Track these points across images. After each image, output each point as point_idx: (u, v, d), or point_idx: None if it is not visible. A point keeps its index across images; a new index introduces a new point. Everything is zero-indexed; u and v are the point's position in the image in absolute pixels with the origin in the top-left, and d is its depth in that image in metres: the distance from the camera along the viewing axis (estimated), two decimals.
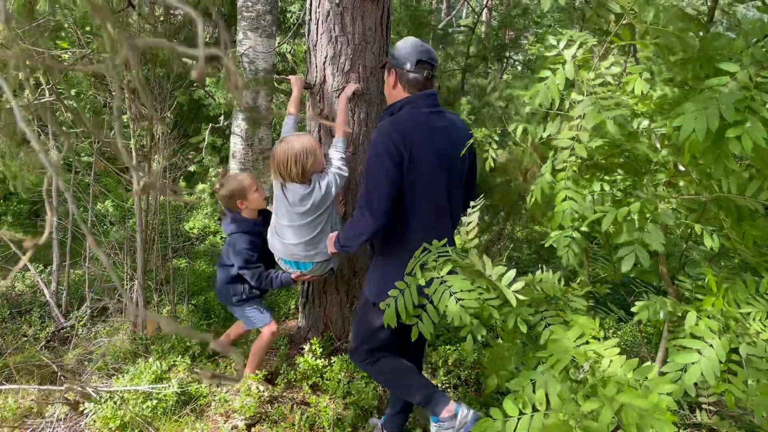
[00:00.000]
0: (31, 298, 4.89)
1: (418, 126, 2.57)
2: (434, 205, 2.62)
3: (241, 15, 6.95)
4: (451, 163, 2.64)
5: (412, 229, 2.63)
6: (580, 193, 2.17)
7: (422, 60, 2.61)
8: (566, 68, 2.00)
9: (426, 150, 2.53)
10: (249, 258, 3.38)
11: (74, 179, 4.74)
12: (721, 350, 1.87)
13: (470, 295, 2.06)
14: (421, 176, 2.55)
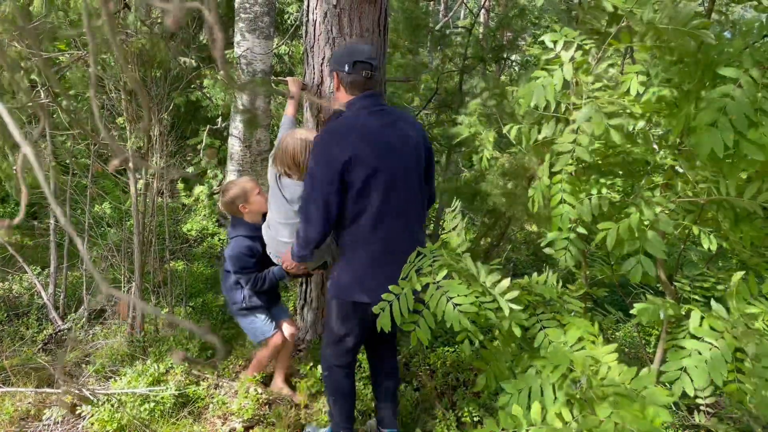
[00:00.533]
0: (28, 300, 4.87)
1: (358, 130, 2.59)
2: (388, 205, 2.63)
3: (238, 16, 6.94)
4: (399, 160, 2.64)
5: (367, 228, 2.66)
6: (578, 196, 2.17)
7: (359, 61, 2.60)
8: (564, 70, 1.99)
9: (368, 151, 2.54)
10: (245, 264, 3.35)
11: (71, 181, 4.72)
12: (727, 350, 1.86)
13: (467, 299, 2.05)
14: (369, 177, 2.56)
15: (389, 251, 2.69)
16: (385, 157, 2.59)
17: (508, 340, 2.45)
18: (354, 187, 2.56)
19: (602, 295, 2.85)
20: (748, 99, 1.65)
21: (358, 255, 2.71)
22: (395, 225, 2.68)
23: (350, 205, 2.62)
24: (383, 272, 2.66)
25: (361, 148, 2.54)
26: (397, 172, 2.64)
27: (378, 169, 2.57)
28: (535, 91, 2.03)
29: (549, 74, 2.02)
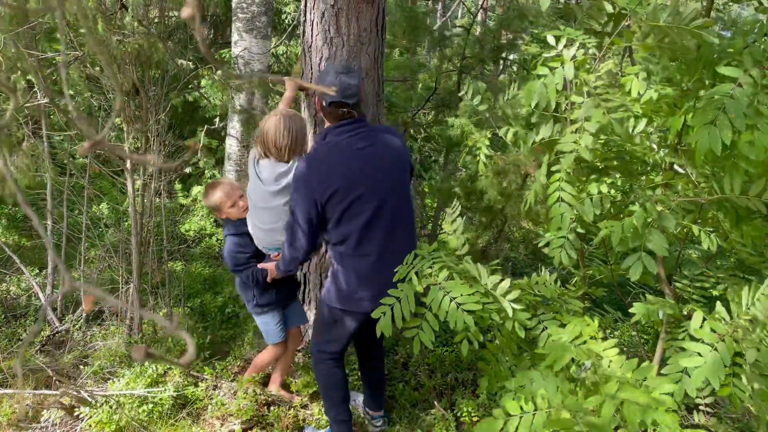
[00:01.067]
0: (26, 302, 4.86)
1: (332, 154, 2.69)
2: (374, 221, 2.72)
3: (236, 16, 6.93)
4: (384, 176, 2.73)
5: (354, 247, 2.75)
6: (577, 196, 2.16)
7: (334, 102, 2.66)
8: (566, 69, 1.99)
9: (348, 178, 2.64)
10: (237, 261, 3.31)
11: (69, 182, 4.71)
12: (726, 354, 1.86)
13: (470, 298, 2.05)
14: (353, 201, 2.66)
15: (382, 262, 2.77)
16: (368, 179, 2.68)
17: (509, 340, 2.45)
18: (336, 213, 2.68)
19: (601, 294, 2.84)
20: (748, 98, 1.65)
21: (351, 267, 2.80)
22: (388, 237, 2.76)
23: (337, 228, 2.73)
24: (377, 282, 2.75)
25: (341, 177, 2.64)
26: (384, 188, 2.73)
27: (362, 192, 2.67)
28: (537, 91, 2.03)
29: (551, 72, 2.01)
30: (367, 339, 3.22)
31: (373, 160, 2.71)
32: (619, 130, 1.93)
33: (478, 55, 4.85)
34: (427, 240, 5.38)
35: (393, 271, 2.75)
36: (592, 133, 1.98)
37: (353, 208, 2.67)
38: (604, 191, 2.18)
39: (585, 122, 2.00)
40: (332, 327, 2.97)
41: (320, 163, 2.67)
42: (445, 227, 3.05)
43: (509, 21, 5.15)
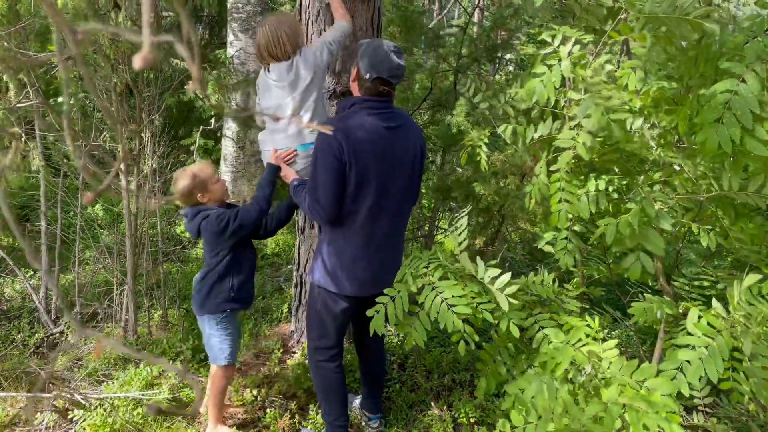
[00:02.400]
0: (20, 303, 4.82)
1: (362, 126, 2.64)
2: (378, 201, 2.70)
3: (231, 16, 6.90)
4: (396, 162, 2.71)
5: (358, 222, 2.72)
6: (575, 193, 2.14)
7: (380, 77, 2.62)
8: (563, 65, 1.97)
9: (369, 149, 2.60)
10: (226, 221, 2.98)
11: (63, 183, 4.67)
12: (725, 348, 1.84)
13: (462, 300, 2.03)
14: (366, 173, 2.63)
15: (377, 248, 2.78)
16: (383, 160, 2.66)
17: (505, 340, 2.43)
18: (351, 183, 2.62)
19: (599, 294, 2.82)
20: (753, 94, 1.63)
21: (345, 247, 2.77)
22: (383, 224, 2.76)
23: (346, 199, 2.67)
24: (369, 266, 2.79)
25: (365, 151, 2.60)
26: (393, 174, 2.71)
27: (375, 169, 2.64)
28: (536, 88, 2.01)
29: (549, 70, 1.99)
30: (360, 330, 3.19)
31: (399, 142, 2.70)
32: (617, 132, 1.91)
33: (473, 54, 4.83)
34: (423, 241, 5.35)
35: (385, 256, 2.81)
36: (589, 131, 1.97)
37: (366, 185, 2.64)
38: (602, 188, 2.16)
39: (583, 119, 1.98)
40: (324, 315, 2.93)
41: (350, 128, 2.61)
42: (443, 226, 3.02)
43: (504, 19, 5.13)
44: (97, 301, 4.71)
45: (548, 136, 2.30)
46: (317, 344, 3.03)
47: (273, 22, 3.00)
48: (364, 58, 2.66)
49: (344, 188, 2.64)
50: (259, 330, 4.59)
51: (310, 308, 3.03)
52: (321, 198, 2.63)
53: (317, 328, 3.01)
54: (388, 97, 2.70)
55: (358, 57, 2.71)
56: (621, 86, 1.99)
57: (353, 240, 2.74)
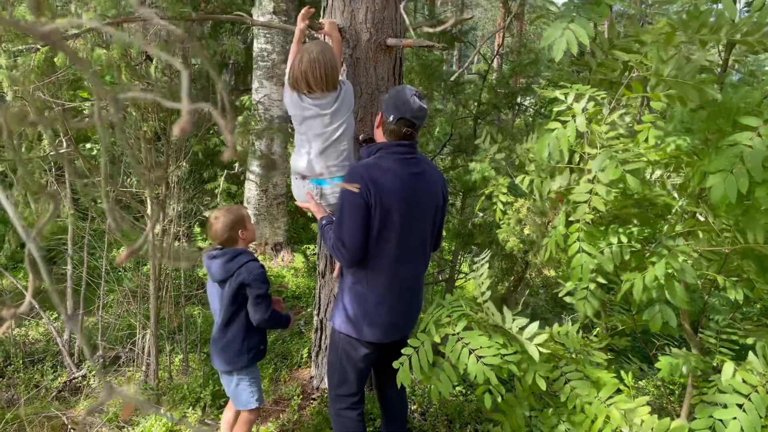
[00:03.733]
0: (44, 346, 4.87)
1: (387, 171, 2.67)
2: (401, 246, 2.72)
3: (256, 64, 7.09)
4: (420, 207, 2.74)
5: (378, 267, 2.73)
6: (596, 245, 2.14)
7: (404, 118, 2.67)
8: (577, 121, 1.99)
9: (394, 193, 2.63)
10: (267, 286, 3.07)
11: (90, 227, 4.77)
12: (761, 405, 1.79)
13: (489, 351, 2.01)
14: (389, 218, 2.65)
15: (399, 292, 2.78)
16: (407, 205, 2.69)
17: (528, 392, 2.39)
18: (375, 227, 2.65)
19: (624, 345, 2.78)
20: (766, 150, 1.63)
21: (368, 292, 2.77)
22: (406, 269, 2.77)
23: (369, 243, 2.69)
24: (391, 312, 2.77)
25: (390, 195, 2.63)
26: (416, 219, 2.73)
27: (399, 214, 2.67)
28: (549, 143, 2.03)
29: (563, 125, 2.02)
30: (382, 377, 3.16)
31: (422, 188, 2.73)
32: (633, 184, 1.92)
33: (492, 101, 4.89)
34: (444, 285, 5.33)
35: (407, 301, 2.81)
36: (605, 183, 1.98)
37: (389, 230, 2.66)
38: (624, 241, 2.15)
39: (599, 173, 1.99)
40: (345, 361, 2.92)
41: (376, 173, 2.65)
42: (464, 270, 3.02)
43: (523, 67, 5.21)
44: (119, 345, 4.73)
45: (567, 187, 2.31)
46: (338, 391, 3.00)
47: (322, 50, 2.93)
48: (388, 102, 2.72)
49: (369, 232, 2.66)
50: (279, 375, 4.57)
51: (331, 354, 3.01)
52: (346, 240, 2.66)
53: (338, 375, 2.98)
54: (411, 140, 2.74)
55: (382, 104, 2.78)
56: (640, 140, 2.01)
57: (376, 284, 2.74)
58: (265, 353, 3.28)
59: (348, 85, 3.09)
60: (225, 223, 3.08)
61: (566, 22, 1.93)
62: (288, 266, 7.50)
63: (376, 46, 3.48)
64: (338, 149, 3.06)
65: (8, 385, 4.27)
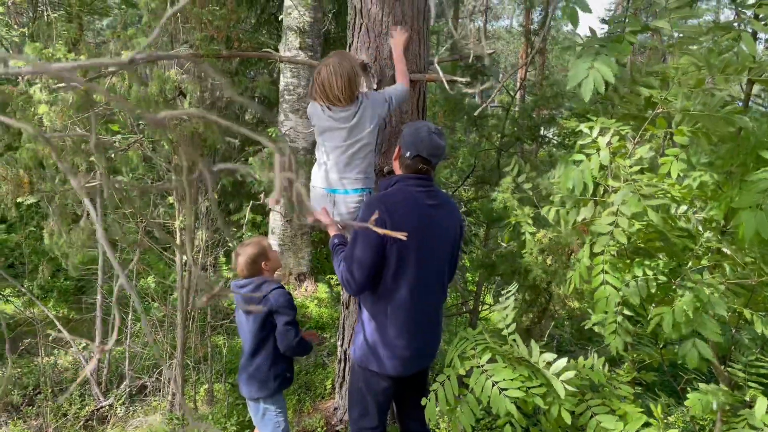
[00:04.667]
0: (72, 375, 4.94)
1: (405, 202, 2.69)
2: (420, 278, 2.71)
3: (283, 97, 7.25)
4: (436, 239, 2.75)
5: (397, 299, 2.72)
6: (621, 278, 2.14)
7: (420, 155, 2.70)
8: (601, 155, 2.02)
9: (410, 225, 2.63)
10: (294, 312, 3.12)
11: (120, 257, 4.87)
12: None
13: (513, 384, 2.02)
14: (406, 250, 2.65)
15: (418, 324, 2.76)
16: (424, 237, 2.70)
17: (555, 426, 2.37)
18: (392, 259, 2.66)
19: (651, 379, 2.75)
20: None
21: (387, 324, 2.76)
22: (423, 301, 2.76)
23: (386, 274, 2.69)
24: (411, 344, 2.75)
25: (404, 226, 2.63)
26: (434, 251, 2.74)
27: (416, 246, 2.67)
28: (573, 176, 2.06)
29: (587, 158, 2.05)
30: (403, 410, 3.15)
31: (439, 220, 2.75)
32: (655, 218, 1.93)
33: (516, 133, 4.94)
34: (468, 316, 5.31)
35: (426, 333, 2.79)
36: (628, 216, 1.99)
37: (406, 262, 2.67)
38: (649, 274, 2.15)
39: (621, 206, 2.01)
40: (366, 394, 2.92)
41: (394, 204, 2.67)
42: (487, 300, 3.03)
43: (546, 100, 5.26)
44: (146, 374, 4.79)
45: (591, 219, 2.33)
46: (360, 425, 2.99)
47: (344, 60, 2.95)
48: (406, 137, 2.76)
49: (382, 265, 2.66)
50: (303, 406, 4.57)
51: (352, 386, 3.02)
52: (355, 271, 2.66)
53: (359, 407, 2.98)
54: (427, 175, 2.77)
55: (400, 138, 2.83)
56: (664, 174, 2.03)
57: (395, 317, 2.74)
58: (292, 381, 3.31)
59: (372, 98, 3.04)
60: (247, 258, 3.18)
61: (590, 60, 1.97)
62: (311, 296, 7.54)
63: None
64: (355, 163, 3.06)
65: (37, 414, 4.34)
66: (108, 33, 3.71)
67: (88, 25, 11.42)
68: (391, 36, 3.45)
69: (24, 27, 9.29)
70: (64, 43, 3.88)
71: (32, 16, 9.23)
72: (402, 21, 3.52)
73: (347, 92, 2.93)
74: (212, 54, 3.78)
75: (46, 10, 7.83)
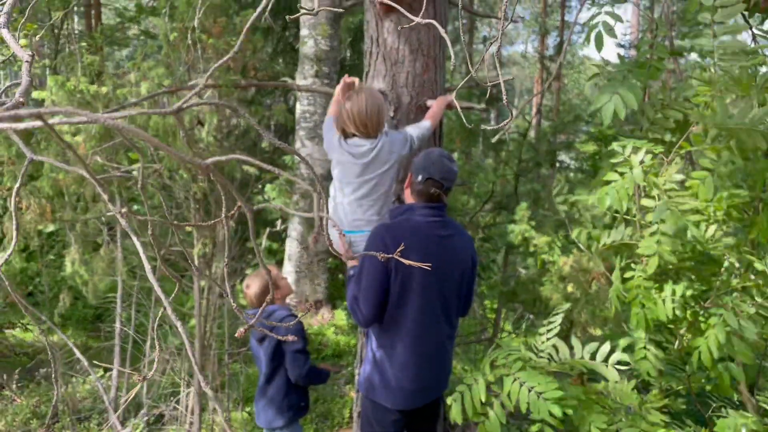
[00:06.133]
0: (91, 404, 4.93)
1: (413, 232, 2.62)
2: (425, 310, 2.63)
3: (299, 125, 7.32)
4: (445, 271, 2.67)
5: (402, 330, 2.65)
6: (653, 299, 2.11)
7: (432, 178, 2.63)
8: (635, 173, 2.01)
9: (415, 256, 2.52)
10: (305, 340, 3.12)
11: (138, 285, 4.89)
12: None
13: (550, 386, 1.99)
14: (411, 281, 2.59)
15: (420, 358, 2.69)
16: (438, 270, 2.63)
17: None
18: (395, 288, 2.60)
19: (678, 408, 2.68)
20: None
21: (391, 356, 2.70)
22: (429, 334, 2.68)
23: (390, 305, 2.63)
24: (418, 377, 2.68)
25: (408, 256, 2.51)
26: (440, 283, 2.66)
27: (421, 277, 2.60)
28: (608, 195, 2.05)
29: (621, 177, 2.03)
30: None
31: (449, 252, 2.67)
32: (695, 231, 1.91)
33: (533, 158, 4.93)
34: (486, 344, 5.25)
35: (430, 368, 2.72)
36: (670, 235, 1.97)
37: (409, 293, 2.60)
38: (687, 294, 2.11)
39: (661, 224, 1.98)
40: (375, 425, 2.84)
41: (401, 236, 2.59)
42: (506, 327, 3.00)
43: (564, 126, 5.26)
44: (163, 402, 4.77)
45: (620, 242, 2.30)
46: None
47: (372, 95, 2.92)
48: (417, 162, 2.71)
49: (387, 294, 2.60)
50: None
51: (363, 418, 2.94)
52: (361, 300, 2.61)
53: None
54: (439, 202, 2.70)
55: (413, 163, 2.77)
56: (692, 195, 2.00)
57: (399, 349, 2.67)
58: (307, 410, 3.27)
59: (391, 136, 2.98)
60: (256, 290, 3.23)
61: (615, 86, 1.96)
62: (329, 323, 7.51)
63: (416, 108, 3.57)
64: (366, 203, 2.97)
65: None
66: (129, 64, 3.77)
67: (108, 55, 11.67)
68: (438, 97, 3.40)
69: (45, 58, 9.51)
70: (88, 75, 3.95)
71: (54, 48, 9.47)
72: (418, 49, 3.54)
73: (375, 121, 2.88)
74: (230, 84, 3.83)
75: (68, 42, 8.02)
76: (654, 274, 2.25)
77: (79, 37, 10.15)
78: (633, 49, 15.43)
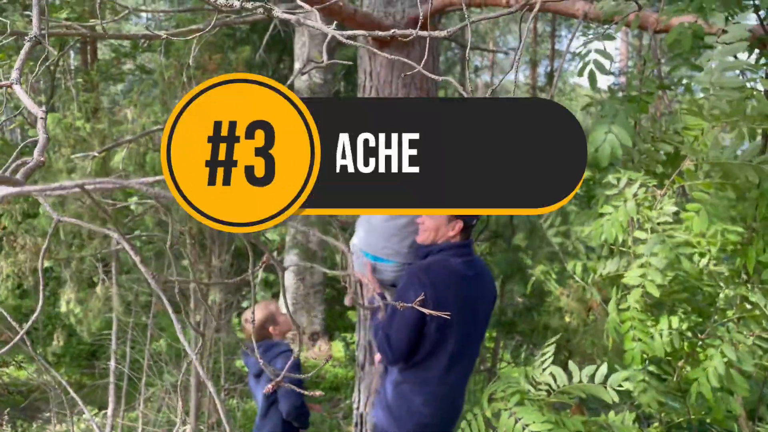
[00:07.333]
0: None
1: (448, 273, 2.60)
2: (455, 350, 2.63)
3: None
4: (475, 310, 2.67)
5: (432, 372, 2.64)
6: (648, 332, 2.11)
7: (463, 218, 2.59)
8: (628, 206, 2.03)
9: (453, 302, 2.53)
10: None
11: (133, 321, 4.86)
12: None
13: (543, 426, 1.98)
14: (447, 326, 2.57)
15: (447, 394, 2.68)
16: (466, 308, 2.62)
17: None
18: (432, 330, 2.57)
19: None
20: None
21: (413, 392, 2.67)
22: (458, 370, 2.68)
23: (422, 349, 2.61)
24: (438, 413, 2.67)
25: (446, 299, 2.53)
26: (473, 322, 2.66)
27: (458, 318, 2.58)
28: (603, 227, 2.07)
29: (615, 210, 2.06)
30: None
31: (478, 291, 2.68)
32: (687, 265, 1.92)
33: None
34: (486, 375, 5.21)
35: (450, 405, 2.72)
36: (658, 268, 1.98)
37: (448, 334, 2.58)
38: (675, 326, 2.12)
39: (651, 257, 2.00)
40: None
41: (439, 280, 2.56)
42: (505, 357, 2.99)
43: None
44: None
45: (615, 273, 2.31)
46: None
47: None
48: None
49: (421, 336, 2.59)
50: None
51: None
52: (393, 341, 2.59)
53: None
54: (468, 240, 2.69)
55: None
56: (687, 228, 2.02)
57: (426, 384, 2.65)
58: None
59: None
60: (256, 324, 3.16)
61: (607, 123, 1.99)
62: (325, 356, 7.45)
63: None
64: (395, 230, 2.82)
65: None
66: (126, 101, 3.82)
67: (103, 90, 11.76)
68: None
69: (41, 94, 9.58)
70: (83, 112, 3.98)
71: (51, 83, 9.54)
72: (411, 82, 3.59)
73: None
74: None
75: (64, 78, 8.08)
76: (649, 306, 2.26)
77: (75, 72, 10.23)
78: (622, 76, 15.65)
